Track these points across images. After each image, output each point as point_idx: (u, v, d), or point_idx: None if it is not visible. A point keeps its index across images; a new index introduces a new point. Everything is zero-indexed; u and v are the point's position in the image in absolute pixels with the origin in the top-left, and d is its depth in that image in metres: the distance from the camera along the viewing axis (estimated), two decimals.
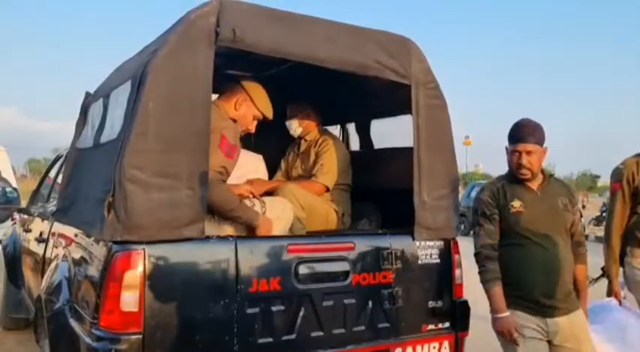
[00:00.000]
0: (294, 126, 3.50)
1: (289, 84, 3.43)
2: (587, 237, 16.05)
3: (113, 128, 2.39)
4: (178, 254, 2.18)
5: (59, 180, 4.06)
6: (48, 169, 5.28)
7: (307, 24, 2.51)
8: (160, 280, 2.11)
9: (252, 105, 2.79)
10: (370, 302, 2.58)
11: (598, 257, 3.38)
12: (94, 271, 2.26)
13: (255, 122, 2.86)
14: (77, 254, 2.59)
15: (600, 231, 17.05)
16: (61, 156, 4.61)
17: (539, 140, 2.56)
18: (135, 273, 2.07)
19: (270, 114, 2.87)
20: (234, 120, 2.73)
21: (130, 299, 2.06)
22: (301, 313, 2.41)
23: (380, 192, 3.33)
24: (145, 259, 2.08)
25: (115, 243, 2.09)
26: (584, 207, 24.79)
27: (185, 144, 2.16)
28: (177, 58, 2.15)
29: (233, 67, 3.29)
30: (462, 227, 15.04)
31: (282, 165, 3.69)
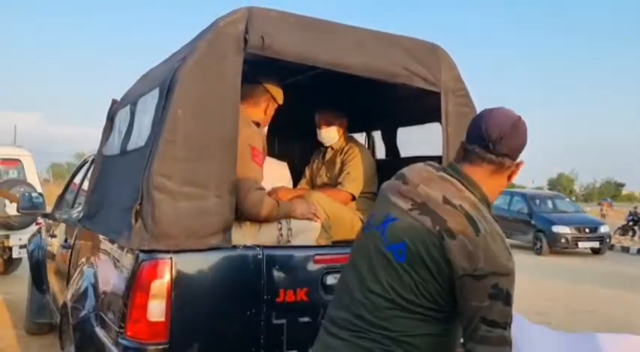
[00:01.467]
0: (332, 135, 3.41)
1: (315, 91, 3.40)
2: (612, 246, 15.71)
3: (141, 135, 2.39)
4: (205, 263, 2.16)
5: (85, 185, 4.09)
6: (73, 175, 5.33)
7: (335, 31, 2.48)
8: (186, 290, 2.09)
9: (274, 103, 2.84)
10: None
11: (623, 266, 3.27)
12: (120, 280, 2.25)
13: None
14: (103, 261, 2.59)
15: (626, 241, 16.74)
16: (87, 161, 4.65)
17: None
18: (162, 283, 2.05)
19: (282, 100, 2.90)
20: (257, 124, 2.72)
21: (156, 309, 2.04)
22: None
23: None
24: (172, 268, 2.06)
25: (143, 251, 2.07)
26: (603, 215, 24.32)
27: (213, 152, 2.14)
28: (207, 65, 2.14)
29: (258, 73, 3.27)
30: None
31: (307, 173, 3.66)
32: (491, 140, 1.52)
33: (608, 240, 14.84)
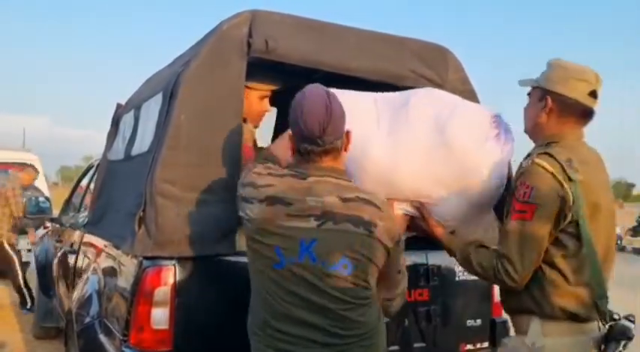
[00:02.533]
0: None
1: None
2: (624, 248, 15.56)
3: (144, 140, 2.37)
4: (209, 270, 2.13)
5: (91, 189, 4.07)
6: (79, 179, 5.33)
7: (340, 33, 2.44)
8: (190, 297, 2.06)
9: (249, 91, 2.49)
10: (406, 321, 2.48)
11: (634, 268, 3.18)
12: (124, 286, 2.23)
13: (266, 100, 2.60)
14: (107, 268, 2.57)
15: (638, 242, 16.55)
16: (93, 166, 4.64)
17: None
18: (165, 290, 2.02)
19: (270, 80, 2.58)
20: (243, 119, 2.68)
21: (160, 317, 2.02)
22: None
23: None
24: (175, 275, 2.04)
25: (146, 258, 2.05)
26: None
27: (217, 157, 2.12)
28: (210, 69, 2.11)
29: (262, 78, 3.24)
30: None
31: None
32: (316, 136, 1.57)
33: (619, 242, 14.70)
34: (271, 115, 3.63)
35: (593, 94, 1.80)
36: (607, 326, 1.68)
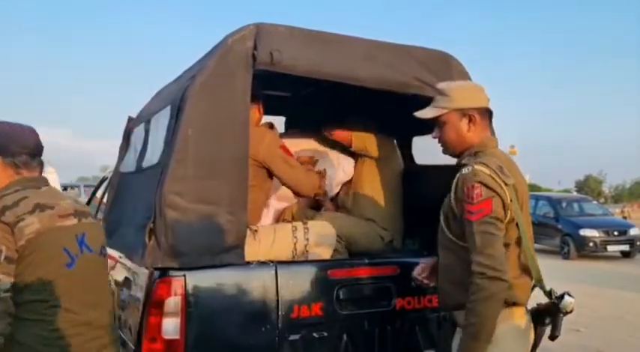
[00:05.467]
0: None
1: (329, 101, 3.39)
2: None
3: (154, 153, 2.42)
4: (219, 280, 2.16)
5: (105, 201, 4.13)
6: (94, 190, 5.40)
7: (345, 43, 2.47)
8: (200, 307, 2.10)
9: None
10: (416, 327, 2.49)
11: None
12: (136, 297, 2.27)
13: None
14: (120, 279, 2.61)
15: None
16: (107, 177, 4.71)
17: None
18: (176, 300, 2.06)
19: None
20: (270, 126, 2.77)
21: (171, 327, 2.05)
22: (344, 339, 2.35)
23: (424, 210, 3.23)
24: (185, 286, 2.07)
25: (156, 269, 2.09)
26: (625, 218, 23.57)
27: (225, 170, 2.16)
28: (216, 83, 2.15)
29: (273, 87, 3.28)
30: None
31: None
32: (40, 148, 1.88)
33: (638, 243, 14.43)
34: (279, 123, 3.68)
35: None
36: (552, 302, 1.82)
